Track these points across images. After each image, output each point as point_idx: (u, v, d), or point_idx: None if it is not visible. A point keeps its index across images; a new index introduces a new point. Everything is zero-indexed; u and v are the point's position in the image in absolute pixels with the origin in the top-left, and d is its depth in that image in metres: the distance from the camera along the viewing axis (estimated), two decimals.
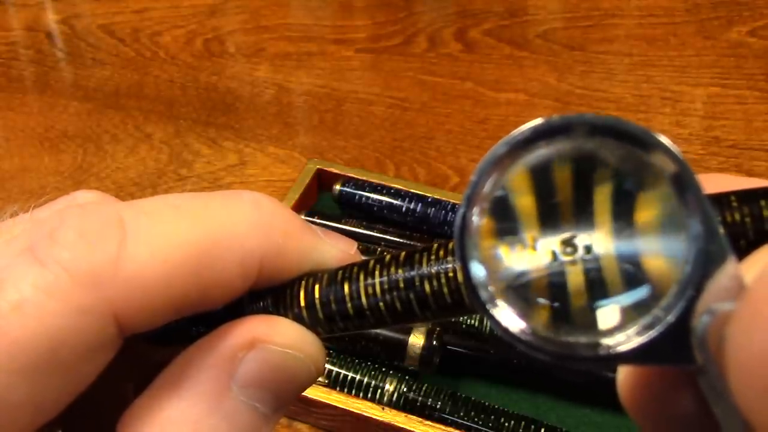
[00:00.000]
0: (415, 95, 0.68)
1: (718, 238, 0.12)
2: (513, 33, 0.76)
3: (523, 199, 0.13)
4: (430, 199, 0.52)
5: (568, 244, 0.13)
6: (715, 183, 0.14)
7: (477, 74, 0.71)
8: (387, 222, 0.53)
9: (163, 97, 0.70)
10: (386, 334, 0.42)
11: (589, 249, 0.13)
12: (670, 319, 0.12)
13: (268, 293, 0.16)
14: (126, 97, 0.70)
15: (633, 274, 0.13)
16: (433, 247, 0.15)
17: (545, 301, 0.13)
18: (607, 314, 0.13)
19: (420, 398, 0.42)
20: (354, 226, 0.52)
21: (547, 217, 0.13)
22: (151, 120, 0.67)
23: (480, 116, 0.66)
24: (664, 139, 0.12)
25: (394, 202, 0.53)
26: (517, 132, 0.13)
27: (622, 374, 0.15)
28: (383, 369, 0.43)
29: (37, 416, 0.14)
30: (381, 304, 0.15)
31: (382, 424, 0.39)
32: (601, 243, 0.13)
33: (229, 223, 0.15)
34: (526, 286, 0.13)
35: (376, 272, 0.15)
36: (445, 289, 0.15)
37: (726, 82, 0.67)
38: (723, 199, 0.13)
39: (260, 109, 0.68)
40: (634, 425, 0.16)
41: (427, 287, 0.15)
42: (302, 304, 0.16)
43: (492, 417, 0.40)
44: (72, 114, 0.68)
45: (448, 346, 0.44)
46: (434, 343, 0.42)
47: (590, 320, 0.13)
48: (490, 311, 0.13)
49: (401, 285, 0.15)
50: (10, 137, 0.66)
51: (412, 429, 0.38)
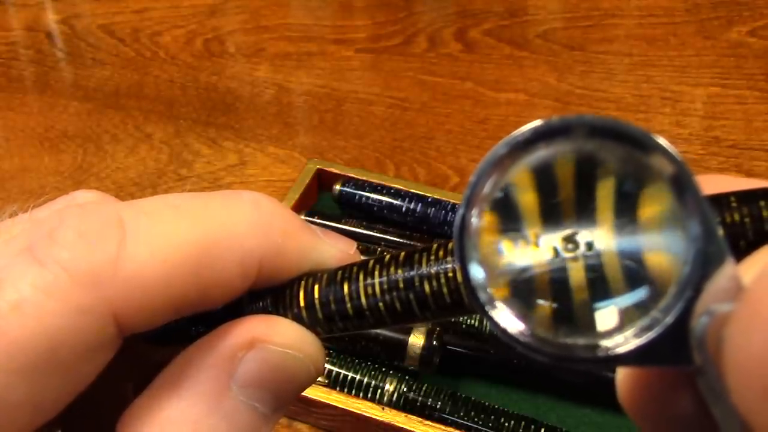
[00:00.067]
0: (415, 95, 0.68)
1: (716, 240, 0.12)
2: (513, 33, 0.76)
3: (526, 195, 0.13)
4: (430, 199, 0.52)
5: (570, 241, 0.13)
6: (714, 184, 0.14)
7: (477, 74, 0.71)
8: (387, 222, 0.53)
9: (163, 97, 0.70)
10: (386, 334, 0.42)
11: (590, 245, 0.13)
12: (669, 320, 0.12)
13: (268, 293, 0.16)
14: (126, 97, 0.70)
15: (634, 270, 0.13)
16: (432, 248, 0.15)
17: (545, 302, 0.13)
18: (606, 316, 0.13)
19: (420, 398, 0.42)
20: (354, 226, 0.52)
21: (549, 213, 0.13)
22: (151, 120, 0.67)
23: (480, 116, 0.66)
24: (662, 141, 0.12)
25: (394, 202, 0.53)
26: (517, 133, 0.13)
27: (621, 375, 0.15)
28: (383, 369, 0.43)
29: (36, 416, 0.14)
30: (380, 304, 0.15)
31: (382, 424, 0.39)
32: (602, 239, 0.13)
33: (229, 223, 0.15)
34: (527, 282, 0.13)
35: (376, 272, 0.15)
36: (445, 290, 0.15)
37: (726, 82, 0.67)
38: (722, 200, 0.13)
39: (260, 109, 0.68)
40: (634, 425, 0.16)
41: (427, 287, 0.15)
42: (302, 304, 0.16)
43: (492, 417, 0.40)
44: (72, 114, 0.68)
45: (448, 346, 0.44)
46: (434, 343, 0.42)
47: (589, 321, 0.13)
48: (489, 312, 0.13)
49: (401, 285, 0.15)
50: (10, 137, 0.66)
51: (412, 429, 0.38)
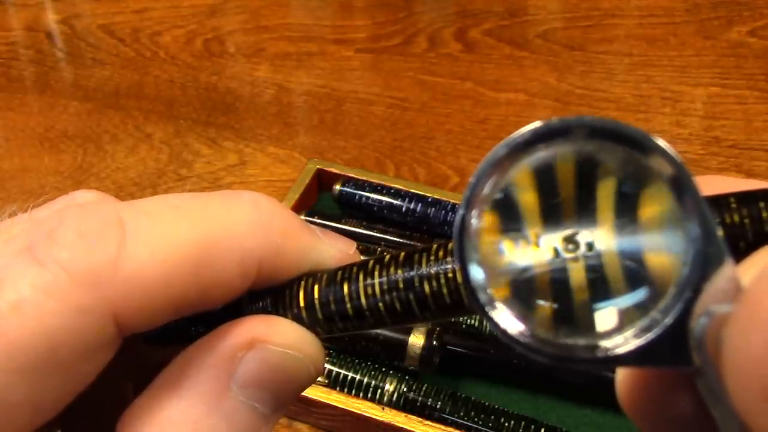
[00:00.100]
0: (415, 95, 0.68)
1: (715, 241, 0.12)
2: (513, 33, 0.76)
3: (526, 195, 0.13)
4: (430, 199, 0.52)
5: (570, 241, 0.13)
6: (714, 184, 0.14)
7: (477, 74, 0.71)
8: (387, 222, 0.53)
9: (163, 97, 0.70)
10: (386, 334, 0.42)
11: (591, 246, 0.13)
12: (668, 321, 0.12)
13: (268, 293, 0.16)
14: (126, 97, 0.70)
15: (635, 271, 0.13)
16: (432, 248, 0.15)
17: (545, 303, 0.13)
18: (606, 316, 0.13)
19: (420, 398, 0.42)
20: (354, 226, 0.52)
21: (550, 213, 0.13)
22: (151, 120, 0.67)
23: (480, 116, 0.66)
24: (661, 142, 0.12)
25: (394, 202, 0.53)
26: (517, 134, 0.13)
27: (621, 376, 0.15)
28: (383, 369, 0.43)
29: (36, 416, 0.14)
30: (380, 304, 0.15)
31: (382, 424, 0.39)
32: (603, 240, 0.13)
33: (229, 223, 0.15)
34: (528, 282, 0.13)
35: (376, 272, 0.15)
36: (445, 290, 0.15)
37: (726, 82, 0.67)
38: (722, 201, 0.13)
39: (260, 109, 0.68)
40: (634, 426, 0.16)
41: (427, 288, 0.15)
42: (301, 304, 0.16)
43: (492, 417, 0.40)
44: (72, 114, 0.68)
45: (448, 346, 0.44)
46: (434, 343, 0.42)
47: (589, 322, 0.13)
48: (489, 313, 0.13)
49: (401, 285, 0.15)
50: (10, 137, 0.66)
51: (412, 429, 0.38)
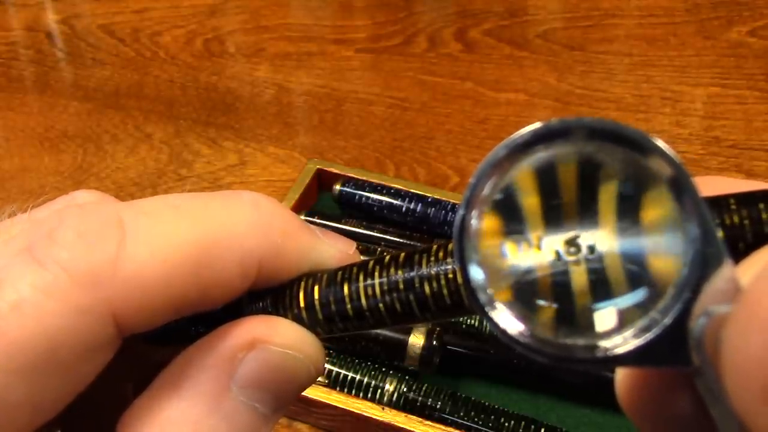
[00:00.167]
0: (415, 95, 0.68)
1: (715, 241, 0.12)
2: (513, 33, 0.76)
3: (528, 197, 0.13)
4: (430, 199, 0.52)
5: (572, 244, 0.13)
6: (714, 185, 0.14)
7: (477, 74, 0.71)
8: (387, 222, 0.53)
9: (163, 97, 0.70)
10: (386, 334, 0.42)
11: (592, 249, 0.13)
12: (667, 321, 0.12)
13: (268, 294, 0.16)
14: (126, 97, 0.70)
15: (637, 273, 0.13)
16: (432, 248, 0.15)
17: (545, 303, 0.13)
18: (605, 316, 0.13)
19: (420, 398, 0.42)
20: (354, 226, 0.52)
21: (551, 215, 0.13)
22: (151, 120, 0.67)
23: (480, 116, 0.66)
24: (660, 143, 0.12)
25: (394, 202, 0.53)
26: (517, 135, 0.13)
27: (620, 376, 0.15)
28: (383, 369, 0.43)
29: (35, 416, 0.14)
30: (381, 305, 0.15)
31: (382, 424, 0.39)
32: (604, 242, 0.13)
33: (229, 223, 0.15)
34: (530, 285, 0.13)
35: (376, 273, 0.15)
36: (445, 291, 0.15)
37: (726, 82, 0.67)
38: (722, 202, 0.13)
39: (260, 109, 0.68)
40: (634, 426, 0.16)
41: (427, 288, 0.15)
42: (302, 305, 0.16)
43: (492, 417, 0.40)
44: (72, 114, 0.68)
45: (448, 346, 0.44)
46: (434, 343, 0.42)
47: (588, 322, 0.13)
48: (489, 313, 0.13)
49: (401, 286, 0.15)
50: (10, 137, 0.66)
51: (412, 429, 0.38)
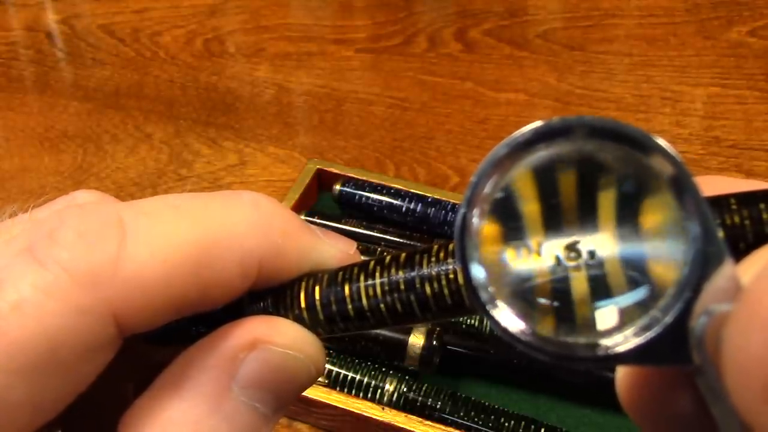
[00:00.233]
0: (415, 95, 0.68)
1: (715, 240, 0.12)
2: (513, 33, 0.76)
3: (528, 203, 0.13)
4: (430, 199, 0.52)
5: (572, 250, 0.13)
6: (714, 185, 0.14)
7: (477, 74, 0.71)
8: (387, 222, 0.53)
9: (163, 97, 0.70)
10: (386, 334, 0.42)
11: (593, 254, 0.13)
12: (668, 320, 0.12)
13: (268, 294, 0.16)
14: (126, 97, 0.70)
15: (637, 278, 0.13)
16: (433, 249, 0.15)
17: (546, 302, 0.13)
18: (606, 315, 0.13)
19: (420, 398, 0.42)
20: (354, 226, 0.52)
21: (551, 219, 0.13)
22: (151, 120, 0.67)
23: (480, 116, 0.66)
24: (661, 142, 0.12)
25: (394, 202, 0.53)
26: (518, 134, 0.13)
27: (621, 374, 0.15)
28: (383, 369, 0.43)
29: (36, 416, 0.14)
30: (382, 305, 0.15)
31: (382, 424, 0.39)
32: (605, 247, 0.13)
33: (229, 223, 0.15)
34: (530, 291, 0.13)
35: (377, 273, 0.15)
36: (446, 291, 0.15)
37: (726, 82, 0.67)
38: (723, 202, 0.13)
39: (260, 109, 0.68)
40: (635, 425, 0.16)
41: (428, 289, 0.15)
42: (303, 305, 0.16)
43: (492, 417, 0.40)
44: (72, 114, 0.68)
45: (448, 346, 0.44)
46: (434, 343, 0.42)
47: (589, 320, 0.13)
48: (491, 312, 0.13)
49: (402, 286, 0.15)
50: (10, 137, 0.66)
51: (412, 429, 0.38)
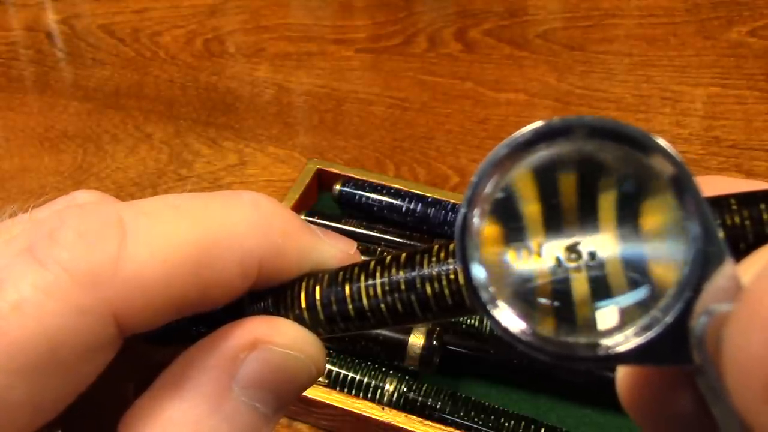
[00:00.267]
0: (415, 95, 0.68)
1: (716, 240, 0.12)
2: (513, 33, 0.76)
3: (528, 203, 0.13)
4: (430, 199, 0.52)
5: (572, 251, 0.13)
6: (715, 185, 0.14)
7: (477, 74, 0.71)
8: (387, 222, 0.53)
9: (163, 97, 0.70)
10: (386, 334, 0.42)
11: (593, 255, 0.13)
12: (669, 319, 0.12)
13: (269, 294, 0.16)
14: (126, 97, 0.70)
15: (638, 279, 0.13)
16: (433, 249, 0.15)
17: (547, 302, 0.13)
18: (607, 315, 0.13)
19: (420, 398, 0.42)
20: (354, 226, 0.52)
21: (552, 221, 0.13)
22: (151, 120, 0.67)
23: (480, 116, 0.66)
24: (662, 142, 0.12)
25: (394, 202, 0.53)
26: (518, 134, 0.13)
27: (621, 374, 0.15)
28: (383, 369, 0.43)
29: (36, 416, 0.14)
30: (382, 305, 0.15)
31: (382, 424, 0.39)
32: (605, 247, 0.13)
33: (229, 223, 0.15)
34: (531, 291, 0.13)
35: (377, 273, 0.15)
36: (447, 291, 0.15)
37: (726, 82, 0.67)
38: (723, 202, 0.13)
39: (260, 109, 0.68)
40: (635, 425, 0.16)
41: (429, 289, 0.15)
42: (303, 305, 0.16)
43: (492, 417, 0.40)
44: (72, 114, 0.68)
45: (448, 346, 0.44)
46: (434, 343, 0.42)
47: (590, 320, 0.13)
48: (491, 312, 0.13)
49: (402, 286, 0.15)
50: (10, 137, 0.66)
51: (412, 429, 0.38)
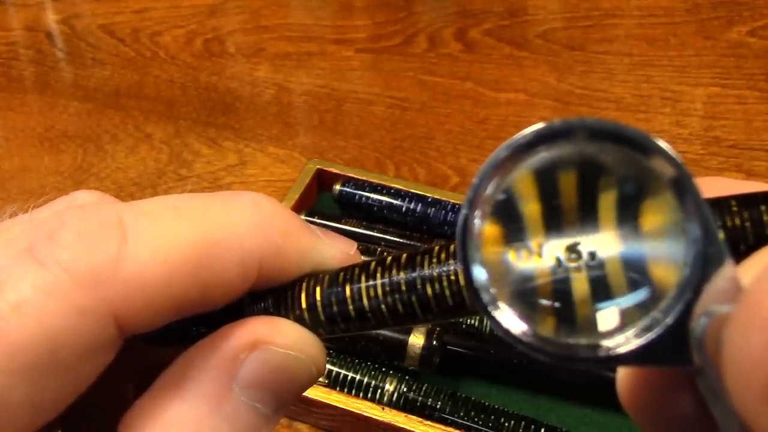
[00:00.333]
0: (415, 95, 0.68)
1: (716, 241, 0.12)
2: (513, 33, 0.76)
3: (528, 204, 0.13)
4: (430, 199, 0.52)
5: (573, 251, 0.13)
6: (715, 186, 0.14)
7: (477, 74, 0.71)
8: (387, 222, 0.53)
9: (163, 97, 0.70)
10: (386, 334, 0.42)
11: (593, 255, 0.13)
12: (669, 321, 0.12)
13: (269, 294, 0.16)
14: (126, 97, 0.70)
15: (638, 280, 0.13)
16: (434, 249, 0.15)
17: (547, 302, 0.13)
18: (607, 316, 0.13)
19: (420, 398, 0.42)
20: (354, 226, 0.52)
21: (552, 220, 0.13)
22: (151, 120, 0.67)
23: (480, 116, 0.66)
24: (662, 144, 0.12)
25: (394, 202, 0.53)
26: (519, 135, 0.13)
27: (622, 375, 0.15)
28: (383, 369, 0.43)
29: (36, 417, 0.14)
30: (383, 306, 0.15)
31: (382, 424, 0.39)
32: (605, 248, 0.13)
33: (229, 223, 0.15)
34: (531, 292, 0.13)
35: (378, 274, 0.15)
36: (447, 292, 0.15)
37: (726, 82, 0.67)
38: (723, 203, 0.13)
39: (260, 109, 0.68)
40: (635, 426, 0.16)
41: (429, 290, 0.15)
42: (303, 305, 0.16)
43: (492, 417, 0.40)
44: (72, 114, 0.68)
45: (448, 346, 0.44)
46: (434, 343, 0.42)
47: (590, 322, 0.13)
48: (492, 313, 0.13)
49: (403, 287, 0.15)
50: (10, 137, 0.66)
51: (412, 429, 0.38)
